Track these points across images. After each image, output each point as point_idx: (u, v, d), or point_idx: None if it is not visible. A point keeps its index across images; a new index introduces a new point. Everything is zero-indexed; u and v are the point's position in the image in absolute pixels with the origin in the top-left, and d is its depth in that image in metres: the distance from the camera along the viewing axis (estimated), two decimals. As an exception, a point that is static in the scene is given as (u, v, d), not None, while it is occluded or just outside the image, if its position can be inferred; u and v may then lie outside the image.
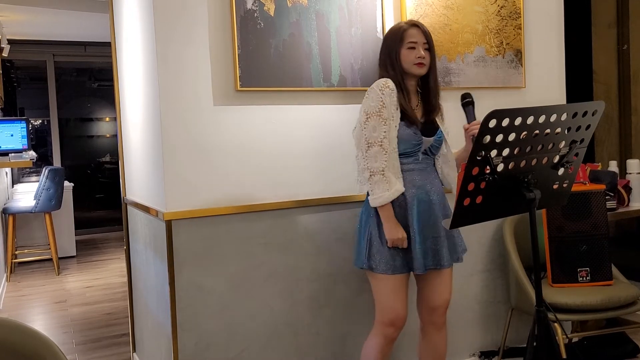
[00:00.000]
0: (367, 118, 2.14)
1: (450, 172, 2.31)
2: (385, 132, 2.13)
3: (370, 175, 2.14)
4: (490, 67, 2.93)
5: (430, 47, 2.23)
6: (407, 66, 2.22)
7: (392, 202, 2.16)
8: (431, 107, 2.27)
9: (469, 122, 2.20)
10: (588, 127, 1.81)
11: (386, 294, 2.21)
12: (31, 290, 5.27)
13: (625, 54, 4.41)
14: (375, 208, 2.17)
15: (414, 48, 2.20)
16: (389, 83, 2.18)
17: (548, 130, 1.72)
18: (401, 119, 2.17)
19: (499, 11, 2.94)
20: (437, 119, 2.28)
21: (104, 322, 4.21)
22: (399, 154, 2.18)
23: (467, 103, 2.22)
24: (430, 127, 2.25)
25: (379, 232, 2.19)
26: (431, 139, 2.23)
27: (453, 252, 2.26)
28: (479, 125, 1.89)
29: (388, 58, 2.25)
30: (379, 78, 2.22)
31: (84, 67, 9.08)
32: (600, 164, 3.52)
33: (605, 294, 2.63)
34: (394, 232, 2.14)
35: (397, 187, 2.14)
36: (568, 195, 1.97)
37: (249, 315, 2.43)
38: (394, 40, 2.24)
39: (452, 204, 1.86)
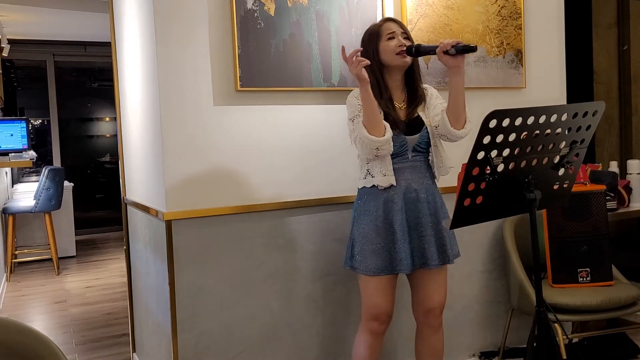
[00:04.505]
0: (351, 121, 2.15)
1: (441, 163, 2.22)
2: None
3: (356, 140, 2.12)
4: (490, 67, 2.93)
5: (409, 38, 2.20)
6: (388, 58, 2.16)
7: (378, 198, 2.15)
8: (417, 100, 2.22)
9: (436, 52, 2.09)
10: (588, 127, 1.81)
11: (369, 292, 2.20)
12: (31, 290, 5.27)
13: (625, 54, 4.41)
14: (362, 209, 2.18)
15: (393, 38, 2.16)
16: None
17: (548, 131, 1.72)
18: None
19: (499, 11, 2.94)
20: (421, 114, 2.21)
21: (104, 322, 4.21)
22: None
23: (417, 52, 2.16)
24: (415, 124, 2.19)
25: (361, 232, 2.17)
26: (416, 136, 2.17)
27: (442, 253, 2.19)
28: (449, 40, 2.03)
29: (366, 57, 2.16)
30: None
31: (84, 67, 9.08)
32: (600, 164, 3.53)
33: (606, 295, 2.63)
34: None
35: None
36: (568, 196, 1.97)
37: (249, 315, 2.43)
38: (371, 37, 2.20)
39: (451, 203, 1.86)
